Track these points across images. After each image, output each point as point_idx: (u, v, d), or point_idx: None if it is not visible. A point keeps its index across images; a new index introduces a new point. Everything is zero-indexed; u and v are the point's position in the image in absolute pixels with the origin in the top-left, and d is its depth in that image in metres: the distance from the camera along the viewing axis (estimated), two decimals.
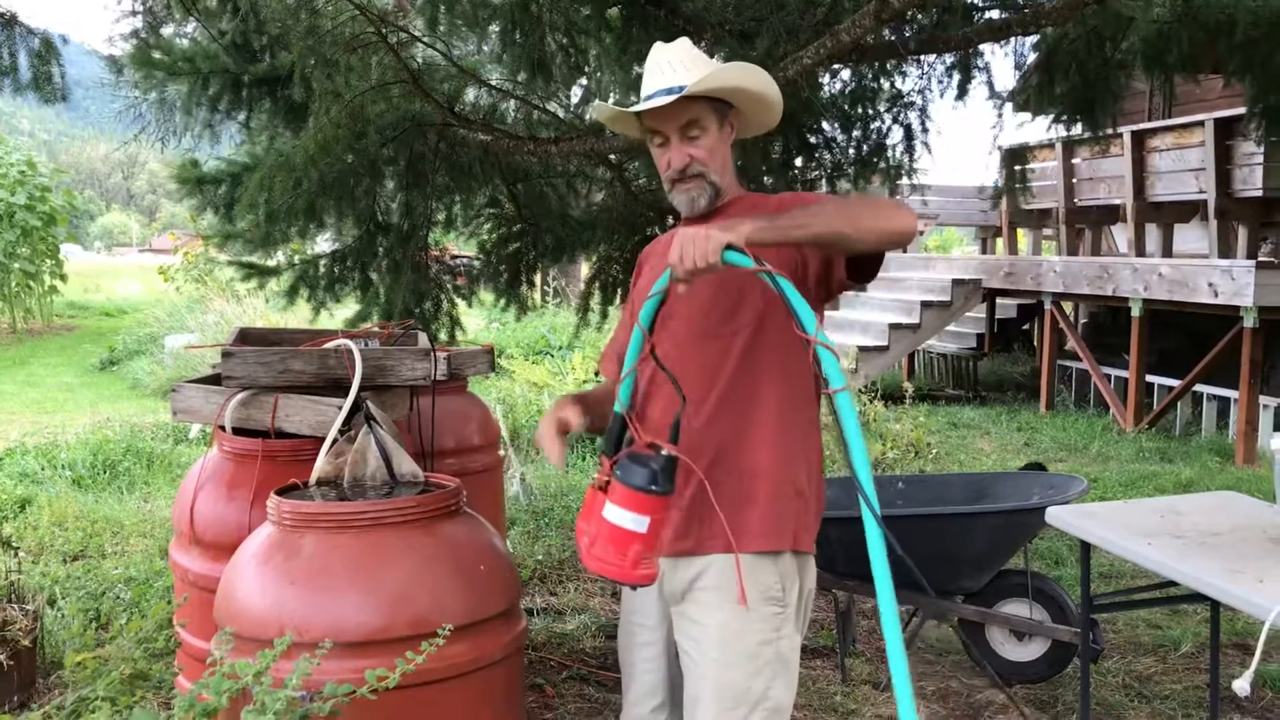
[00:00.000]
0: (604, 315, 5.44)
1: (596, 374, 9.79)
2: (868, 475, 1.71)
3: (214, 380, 2.99)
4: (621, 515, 1.86)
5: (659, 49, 2.22)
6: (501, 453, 4.11)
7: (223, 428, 2.86)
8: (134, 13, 4.59)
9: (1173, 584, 2.87)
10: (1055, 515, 3.29)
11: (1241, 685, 3.56)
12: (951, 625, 4.27)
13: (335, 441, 2.66)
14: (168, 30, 5.07)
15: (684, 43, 2.23)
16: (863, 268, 2.10)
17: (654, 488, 1.85)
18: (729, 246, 1.81)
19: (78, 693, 2.20)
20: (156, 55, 4.90)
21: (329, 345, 2.96)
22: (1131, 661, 4.21)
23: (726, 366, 2.15)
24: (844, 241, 1.97)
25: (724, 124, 2.21)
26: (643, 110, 2.16)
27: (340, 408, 2.72)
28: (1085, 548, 3.20)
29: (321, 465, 2.60)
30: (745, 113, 2.25)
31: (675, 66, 2.16)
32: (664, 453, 1.89)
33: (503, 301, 5.43)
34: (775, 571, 2.14)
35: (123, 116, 5.27)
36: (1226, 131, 8.85)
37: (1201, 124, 9.01)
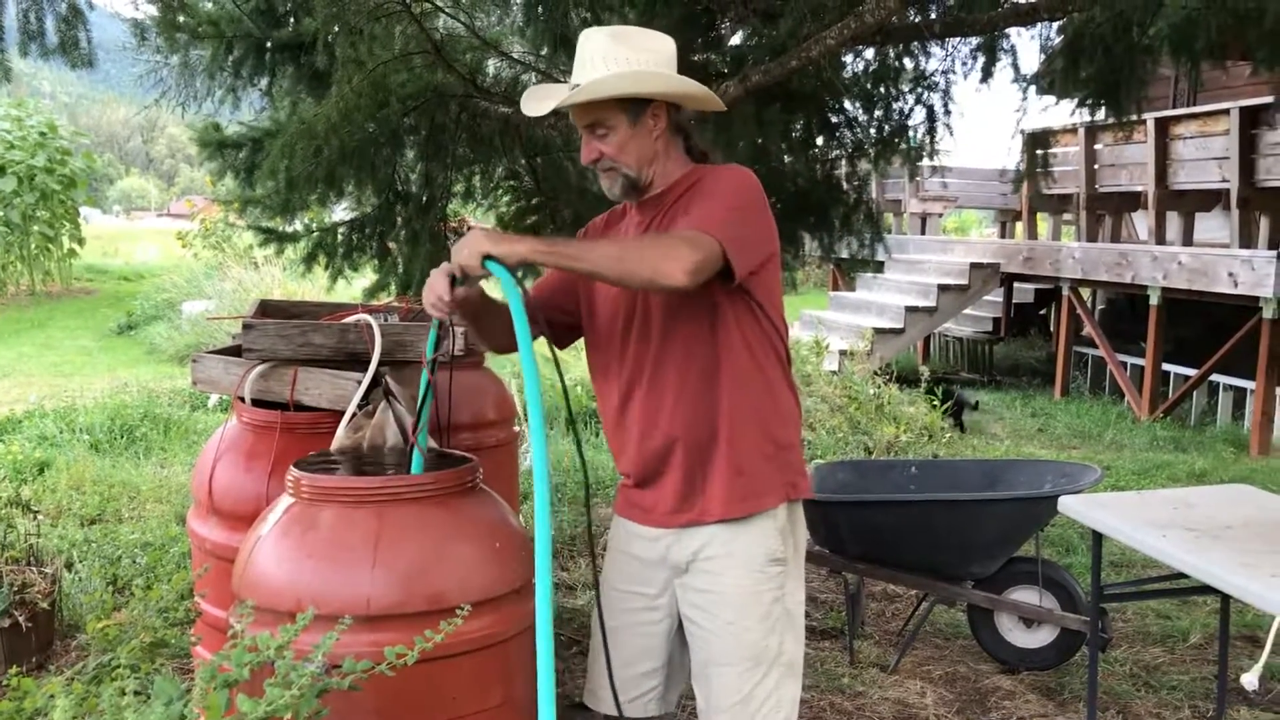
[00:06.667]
0: None
1: None
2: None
3: (234, 351, 3.01)
4: None
5: (580, 40, 2.21)
6: (516, 428, 4.12)
7: (242, 399, 2.88)
8: None
9: (1183, 575, 2.87)
10: (1068, 504, 3.30)
11: (1250, 679, 3.59)
12: (961, 610, 4.29)
13: (354, 416, 2.68)
14: None
15: (597, 37, 2.19)
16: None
17: None
18: (488, 257, 2.01)
19: (99, 659, 2.22)
20: (181, 19, 4.90)
21: (349, 320, 2.96)
22: (1140, 651, 4.22)
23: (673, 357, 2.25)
24: (610, 281, 2.10)
25: (640, 117, 2.19)
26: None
27: (359, 382, 2.74)
28: (1097, 537, 3.20)
29: (340, 439, 2.62)
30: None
31: (583, 64, 2.18)
32: None
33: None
34: (775, 530, 2.25)
35: (143, 81, 5.26)
36: (1252, 120, 8.72)
37: (1227, 112, 8.91)
